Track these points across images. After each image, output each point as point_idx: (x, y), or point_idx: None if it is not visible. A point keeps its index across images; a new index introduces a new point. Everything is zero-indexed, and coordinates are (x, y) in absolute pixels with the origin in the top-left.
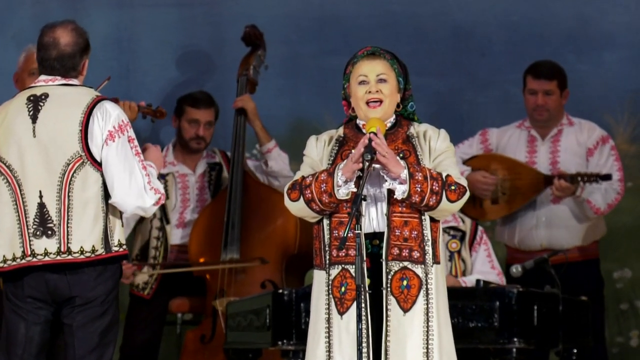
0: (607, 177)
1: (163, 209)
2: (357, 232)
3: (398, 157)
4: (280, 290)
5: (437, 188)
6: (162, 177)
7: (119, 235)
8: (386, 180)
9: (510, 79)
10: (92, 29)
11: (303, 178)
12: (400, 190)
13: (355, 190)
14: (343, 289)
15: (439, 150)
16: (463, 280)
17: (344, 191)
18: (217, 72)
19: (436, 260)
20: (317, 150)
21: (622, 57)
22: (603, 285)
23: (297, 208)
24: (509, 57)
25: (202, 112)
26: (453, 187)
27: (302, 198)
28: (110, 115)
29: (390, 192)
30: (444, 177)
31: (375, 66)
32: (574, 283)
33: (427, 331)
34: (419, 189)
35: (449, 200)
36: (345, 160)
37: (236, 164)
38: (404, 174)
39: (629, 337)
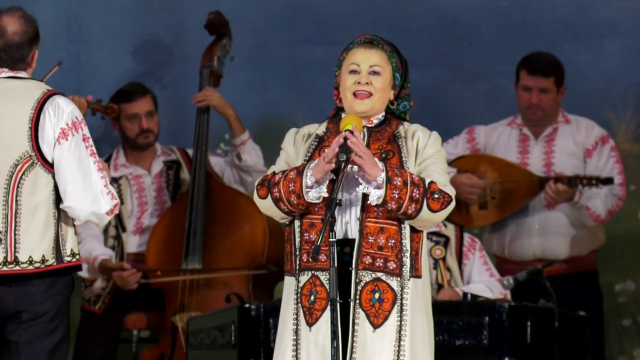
0: (609, 181)
1: (118, 215)
2: (331, 240)
3: (378, 159)
4: (247, 305)
5: (417, 195)
6: (115, 180)
7: (71, 244)
8: (361, 184)
9: (500, 71)
10: (38, 16)
11: (273, 174)
12: (375, 196)
13: (327, 195)
14: (312, 297)
15: (427, 154)
16: (461, 289)
17: (314, 194)
18: (176, 63)
19: (415, 274)
20: (295, 145)
21: (625, 47)
22: (602, 299)
23: (265, 206)
24: (499, 47)
25: (138, 103)
26: (436, 196)
27: (269, 196)
28: (62, 111)
29: (365, 196)
30: (426, 183)
31: (370, 56)
32: (570, 297)
33: (399, 351)
34: (396, 196)
35: (430, 209)
36: (317, 160)
37: (198, 165)
38: (381, 177)
39: (632, 356)
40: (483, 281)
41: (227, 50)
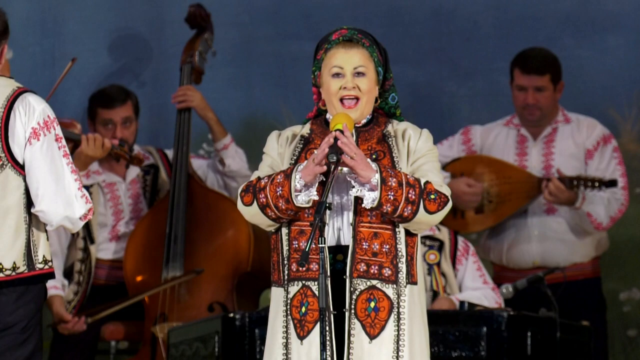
0: (612, 183)
1: (87, 226)
2: (320, 245)
3: (370, 159)
4: (231, 314)
5: (413, 197)
6: (85, 188)
7: (43, 250)
8: (354, 186)
9: (498, 67)
10: (9, 9)
11: (258, 179)
12: (370, 198)
13: (317, 198)
14: (303, 309)
15: (419, 153)
16: (457, 298)
17: (303, 198)
18: (155, 59)
19: (412, 280)
20: (279, 148)
21: (630, 42)
22: (605, 308)
23: (251, 214)
24: (497, 41)
25: (116, 110)
26: (433, 196)
27: (255, 202)
28: (34, 109)
29: (358, 199)
30: (422, 184)
31: (352, 57)
32: (573, 306)
33: None
34: (391, 197)
35: (427, 211)
36: (305, 162)
37: (179, 167)
38: (375, 178)
39: None
40: (477, 289)
41: (208, 45)
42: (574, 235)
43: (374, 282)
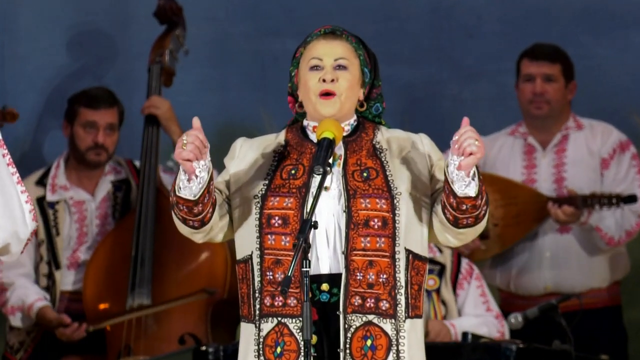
0: (632, 199)
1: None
2: (304, 269)
3: (357, 177)
4: (204, 347)
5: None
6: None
7: None
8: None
9: (505, 67)
10: None
11: None
12: (474, 186)
13: (204, 177)
14: (279, 349)
15: (433, 166)
16: (452, 324)
17: (187, 191)
18: (121, 58)
19: (414, 313)
20: (239, 160)
21: None
22: (627, 339)
23: (177, 224)
24: (504, 39)
25: (101, 112)
26: None
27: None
28: None
29: (350, 221)
30: None
31: (333, 48)
32: (590, 337)
33: None
34: (483, 188)
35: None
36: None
37: (147, 182)
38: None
39: None
40: (478, 316)
41: (180, 42)
42: (590, 257)
43: (370, 317)
